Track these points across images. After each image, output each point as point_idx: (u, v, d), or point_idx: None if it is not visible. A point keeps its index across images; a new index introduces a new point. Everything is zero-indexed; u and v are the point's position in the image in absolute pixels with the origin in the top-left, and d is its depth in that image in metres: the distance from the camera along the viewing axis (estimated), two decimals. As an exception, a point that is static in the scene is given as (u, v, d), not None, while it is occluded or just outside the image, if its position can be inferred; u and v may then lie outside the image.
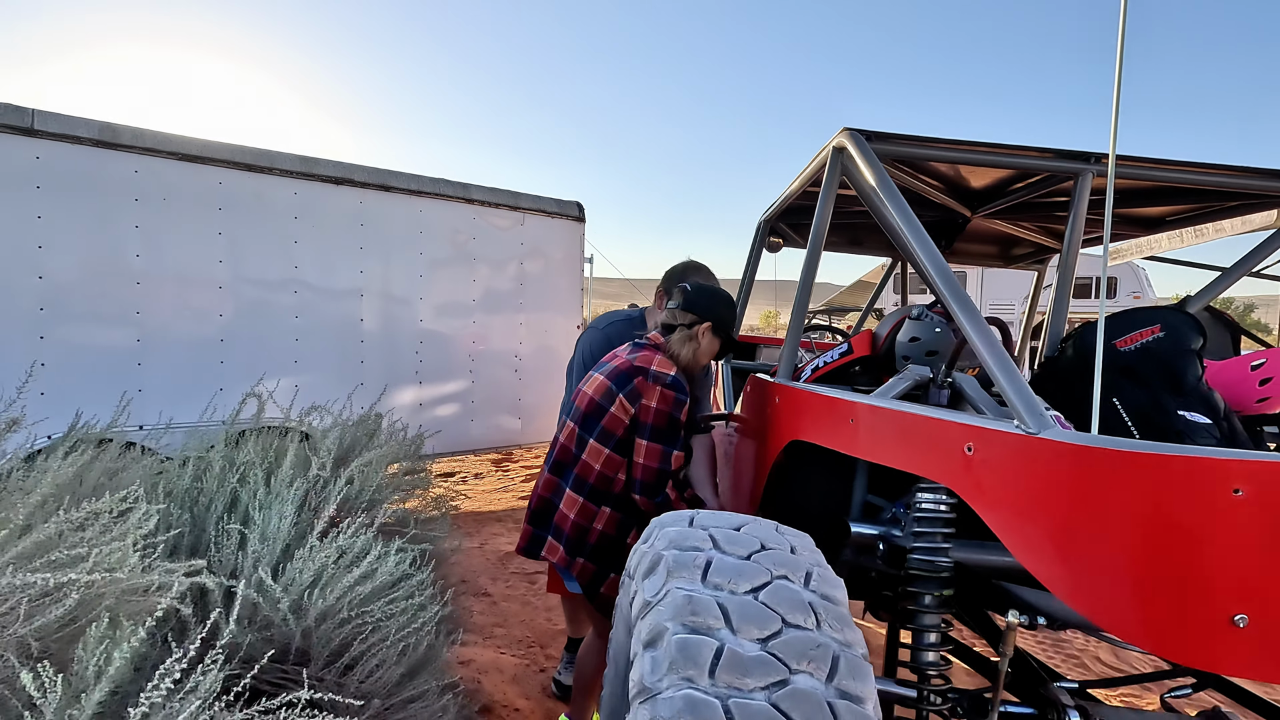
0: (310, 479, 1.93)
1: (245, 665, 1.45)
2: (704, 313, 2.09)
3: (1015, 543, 1.08)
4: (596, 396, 2.03)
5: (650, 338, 2.13)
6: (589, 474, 2.02)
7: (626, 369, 2.03)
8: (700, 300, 2.10)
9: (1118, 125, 1.07)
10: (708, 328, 2.07)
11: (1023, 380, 1.14)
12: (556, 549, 2.01)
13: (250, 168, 4.31)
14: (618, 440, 2.01)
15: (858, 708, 0.99)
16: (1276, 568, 0.87)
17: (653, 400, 1.98)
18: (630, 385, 2.00)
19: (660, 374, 1.99)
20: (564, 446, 2.08)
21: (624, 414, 1.99)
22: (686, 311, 2.10)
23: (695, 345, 2.07)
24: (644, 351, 2.07)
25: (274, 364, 4.39)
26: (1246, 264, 1.94)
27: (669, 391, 1.98)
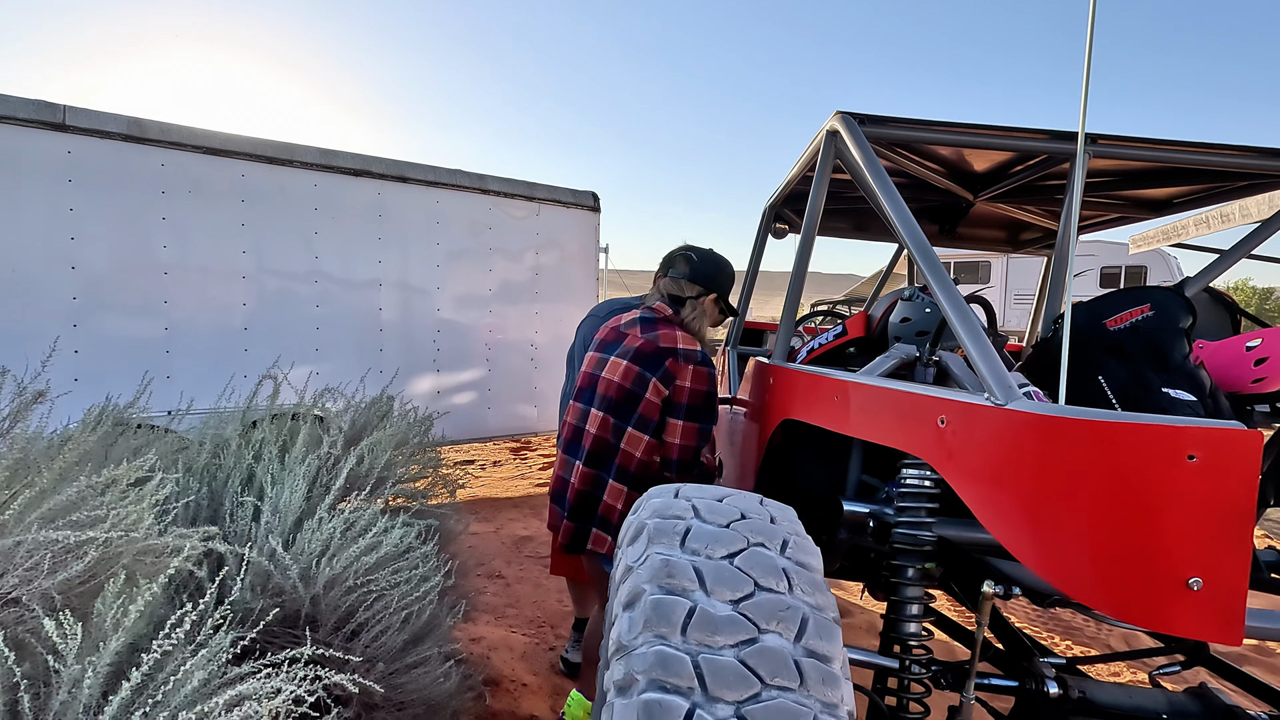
0: (322, 457, 2.01)
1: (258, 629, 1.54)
2: (709, 283, 2.07)
3: (984, 513, 1.11)
4: (627, 384, 1.98)
5: (657, 309, 2.09)
6: (630, 463, 1.98)
7: (653, 351, 1.99)
8: (706, 270, 2.08)
9: (1087, 103, 1.09)
10: (713, 298, 2.07)
11: (994, 354, 1.16)
12: (605, 540, 1.98)
13: (271, 160, 4.43)
14: (654, 425, 1.98)
15: (824, 665, 1.03)
16: (1228, 532, 0.90)
17: (687, 380, 1.95)
18: (663, 368, 1.96)
19: (690, 352, 1.97)
20: (597, 437, 2.00)
21: (658, 397, 1.96)
22: (694, 283, 2.08)
23: (704, 316, 2.07)
24: (663, 329, 2.03)
25: (295, 352, 4.52)
26: (1245, 246, 1.92)
27: (702, 369, 1.97)
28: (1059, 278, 1.87)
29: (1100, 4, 1.06)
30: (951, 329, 1.25)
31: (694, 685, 0.98)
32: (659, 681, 0.99)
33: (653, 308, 2.11)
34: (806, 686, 1.00)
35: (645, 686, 0.99)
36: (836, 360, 2.05)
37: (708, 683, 0.98)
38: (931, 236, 3.08)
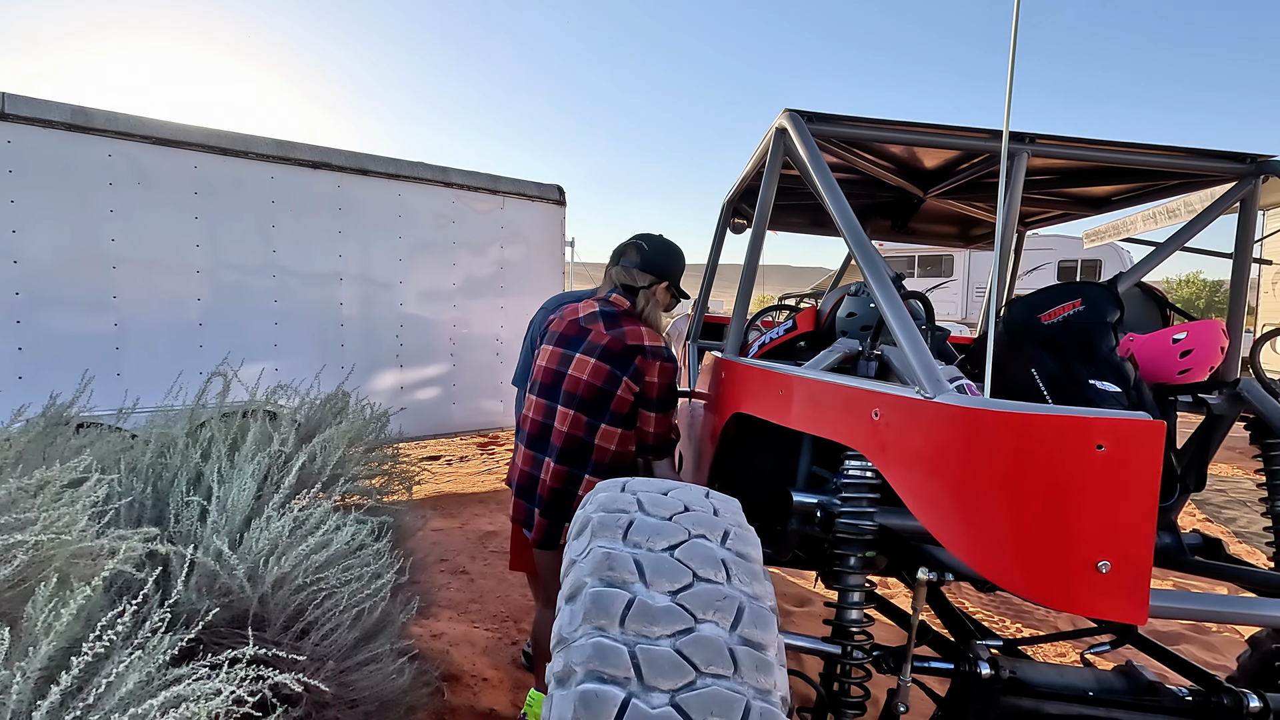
0: (272, 454, 1.99)
1: (204, 630, 1.52)
2: (661, 271, 2.14)
3: (914, 502, 1.15)
4: (599, 382, 2.03)
5: (615, 301, 2.13)
6: (605, 456, 2.05)
7: (621, 349, 2.04)
8: (657, 259, 2.13)
9: (1011, 103, 1.13)
10: (664, 286, 2.14)
11: (925, 349, 1.20)
12: None
13: (226, 152, 4.32)
14: (625, 418, 2.06)
15: (758, 653, 1.06)
16: (1132, 517, 0.94)
17: (654, 375, 2.05)
18: (632, 366, 2.03)
19: (657, 349, 2.06)
20: (570, 435, 2.04)
21: (630, 394, 2.04)
22: (645, 271, 2.13)
23: (658, 305, 2.14)
24: (628, 326, 2.07)
25: (253, 348, 4.44)
26: (1175, 242, 2.00)
27: (668, 364, 2.07)
28: (1001, 274, 1.93)
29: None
30: (886, 324, 1.29)
31: (630, 675, 1.00)
32: (596, 672, 1.01)
33: (610, 300, 2.14)
34: (740, 674, 1.02)
35: (583, 677, 1.01)
36: (788, 355, 2.09)
37: (644, 672, 1.00)
38: (886, 231, 3.15)
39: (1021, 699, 1.43)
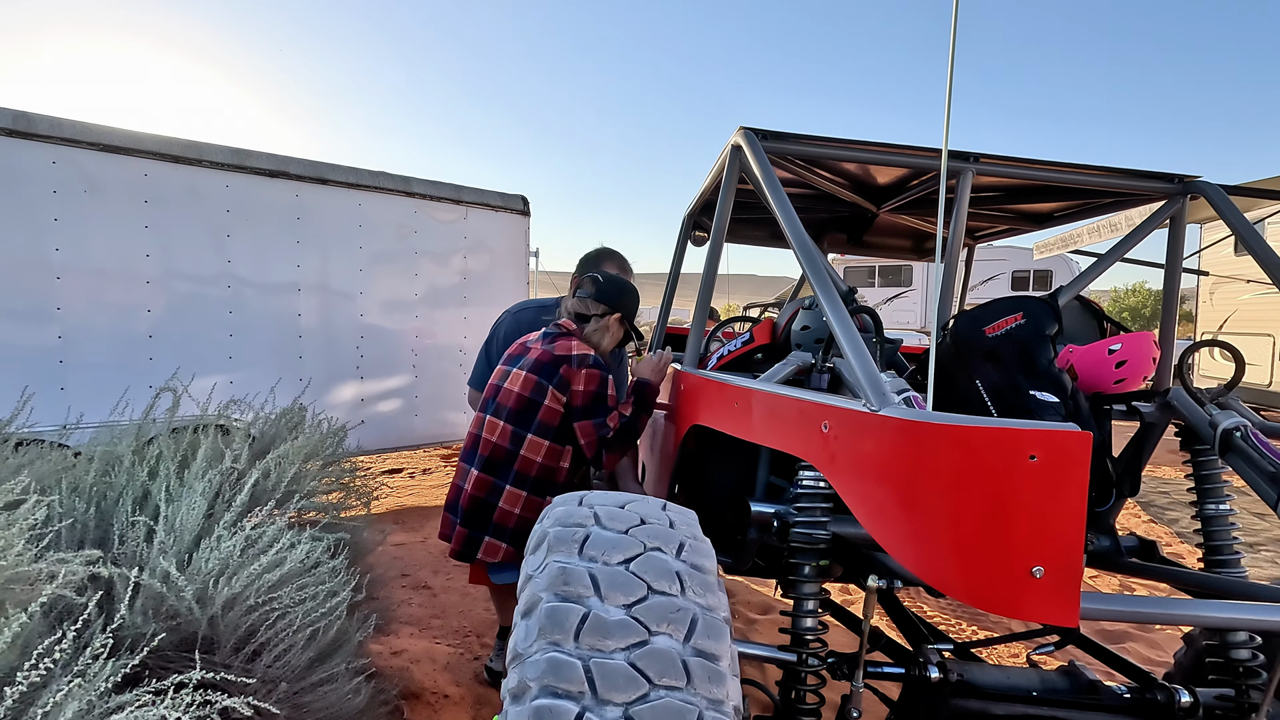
0: (224, 471, 1.94)
1: (150, 655, 1.48)
2: (614, 303, 2.20)
3: (861, 511, 1.19)
4: (526, 392, 2.08)
5: (562, 324, 2.20)
6: (530, 468, 2.08)
7: (549, 360, 2.10)
8: (611, 291, 2.20)
9: (949, 124, 1.18)
10: (617, 318, 2.18)
11: (871, 362, 1.24)
12: (497, 548, 2.07)
13: (178, 159, 4.22)
14: (555, 430, 2.09)
15: (711, 664, 1.08)
16: (1063, 523, 0.99)
17: (580, 384, 2.07)
18: (558, 375, 2.08)
19: (583, 356, 2.09)
20: (496, 444, 2.10)
21: (558, 404, 2.08)
22: (599, 302, 2.19)
23: (607, 334, 2.17)
24: (560, 340, 2.14)
25: (207, 360, 4.33)
26: (1114, 254, 2.10)
27: (593, 371, 2.09)
28: (947, 286, 2.00)
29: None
30: (834, 337, 1.33)
31: (584, 689, 1.01)
32: (550, 687, 1.01)
33: (559, 324, 2.22)
34: (693, 685, 1.04)
35: (537, 693, 1.01)
36: (745, 366, 2.13)
37: (597, 686, 1.01)
38: (842, 245, 3.22)
39: (969, 700, 1.48)
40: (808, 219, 3.00)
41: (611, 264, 2.59)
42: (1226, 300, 7.99)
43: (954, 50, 1.19)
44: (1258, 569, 4.59)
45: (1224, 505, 1.68)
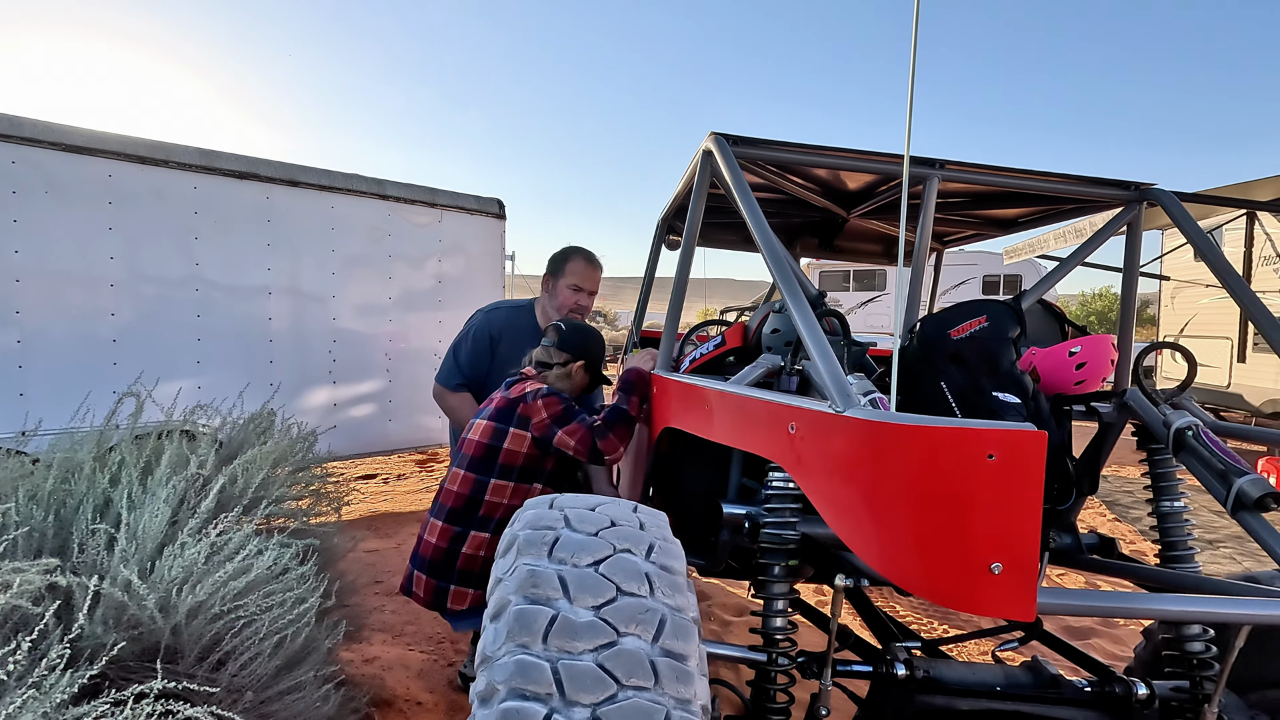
0: (189, 478, 1.91)
1: (110, 665, 1.45)
2: (577, 351, 2.23)
3: (827, 511, 1.21)
4: (485, 439, 2.09)
5: (524, 372, 2.24)
6: (495, 510, 2.08)
7: (505, 405, 2.12)
8: (574, 339, 2.23)
9: (911, 131, 1.20)
10: (580, 365, 2.22)
11: (836, 364, 1.26)
12: (465, 595, 2.05)
13: (144, 160, 4.13)
14: (519, 470, 2.08)
15: (679, 664, 1.09)
16: (1020, 520, 1.01)
17: (540, 413, 2.07)
18: (515, 415, 2.09)
19: (537, 390, 2.11)
20: (458, 494, 2.08)
21: (519, 444, 2.07)
22: (561, 350, 2.23)
23: (569, 379, 2.21)
24: (517, 385, 2.17)
25: (174, 365, 4.24)
26: (1074, 259, 2.16)
27: (551, 397, 2.09)
28: (915, 290, 2.04)
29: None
30: (801, 340, 1.35)
31: (552, 691, 1.01)
32: (519, 690, 1.01)
33: (521, 372, 2.25)
34: (661, 685, 1.05)
35: (505, 695, 1.01)
36: (717, 370, 2.14)
37: (565, 687, 1.01)
38: (814, 249, 3.26)
39: (934, 697, 1.50)
40: (780, 224, 3.03)
41: (579, 259, 2.59)
42: (1187, 304, 8.23)
43: (914, 60, 1.22)
44: (1217, 565, 4.72)
45: (1178, 503, 1.73)
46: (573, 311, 2.59)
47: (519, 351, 2.58)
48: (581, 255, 2.61)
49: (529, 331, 2.61)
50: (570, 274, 2.57)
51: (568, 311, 2.56)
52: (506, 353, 2.59)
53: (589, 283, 2.59)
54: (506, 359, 2.59)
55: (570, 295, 2.56)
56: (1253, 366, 7.13)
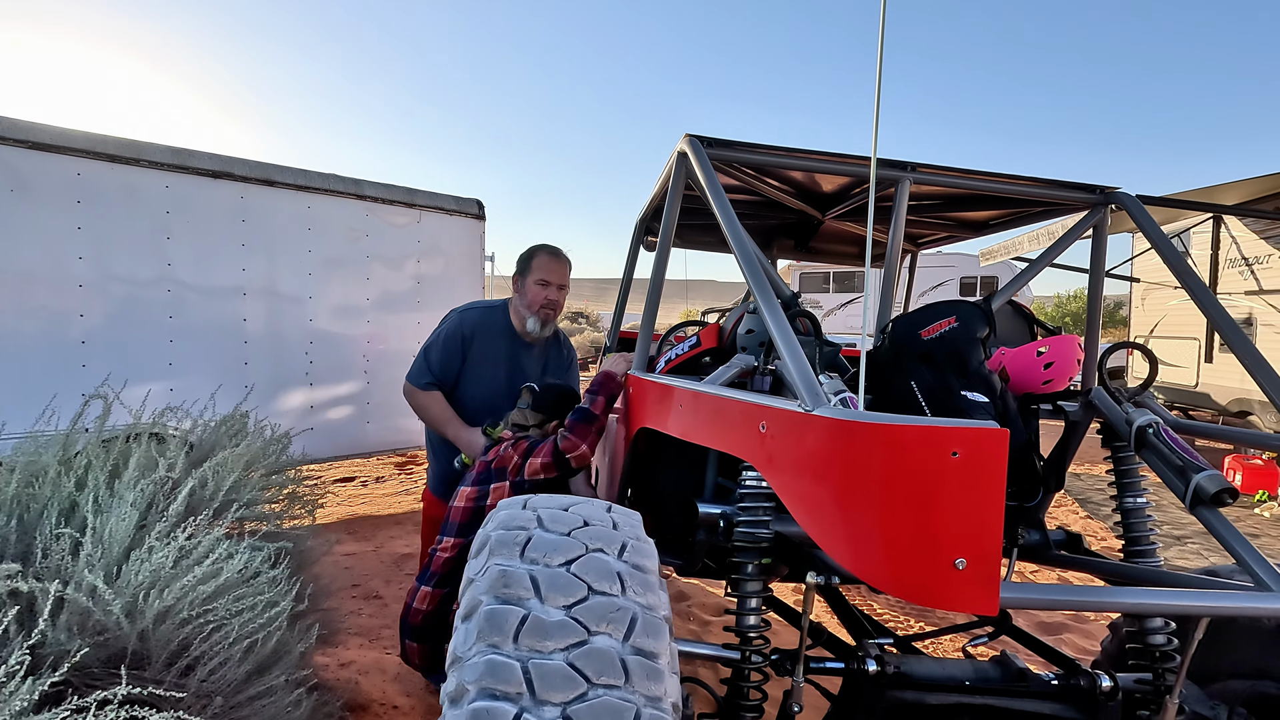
0: (158, 481, 1.88)
1: (75, 672, 1.42)
2: (552, 412, 2.25)
3: (797, 509, 1.22)
4: (469, 504, 2.11)
5: (503, 436, 2.26)
6: None
7: (484, 469, 2.15)
8: (548, 400, 2.25)
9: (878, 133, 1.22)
10: (556, 424, 2.22)
11: (806, 363, 1.27)
12: None
13: (114, 158, 4.06)
14: None
15: (649, 662, 1.09)
16: (984, 516, 1.03)
17: (512, 457, 2.10)
18: (492, 472, 2.12)
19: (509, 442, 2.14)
20: (446, 559, 2.08)
21: (501, 494, 2.09)
22: (536, 411, 2.24)
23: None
24: (493, 448, 2.20)
25: (146, 367, 4.17)
26: (1046, 259, 2.20)
27: (519, 442, 2.13)
28: (887, 291, 2.06)
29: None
30: (771, 340, 1.36)
31: (523, 690, 1.01)
32: (489, 690, 1.01)
33: (500, 437, 2.28)
34: (632, 683, 1.05)
35: (475, 695, 1.01)
36: (693, 370, 2.15)
37: (536, 687, 1.01)
38: (790, 251, 3.29)
39: (905, 692, 1.52)
40: (756, 225, 3.06)
41: (543, 254, 2.57)
42: (1157, 306, 8.41)
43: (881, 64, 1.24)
44: (1184, 560, 4.83)
45: (1140, 499, 1.77)
46: (544, 308, 2.55)
47: (491, 351, 2.57)
48: (546, 250, 2.59)
49: (502, 332, 2.60)
50: (536, 270, 2.55)
51: (539, 308, 2.53)
52: (479, 353, 2.57)
53: (555, 276, 2.56)
54: (479, 359, 2.57)
55: (539, 291, 2.54)
56: (1219, 366, 7.30)
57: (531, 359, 2.62)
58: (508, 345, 2.58)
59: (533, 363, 2.63)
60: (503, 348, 2.57)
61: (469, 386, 2.56)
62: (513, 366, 2.58)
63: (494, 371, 2.56)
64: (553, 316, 2.58)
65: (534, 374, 2.63)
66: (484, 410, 2.49)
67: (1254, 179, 4.97)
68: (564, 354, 2.74)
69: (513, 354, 2.58)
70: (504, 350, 2.57)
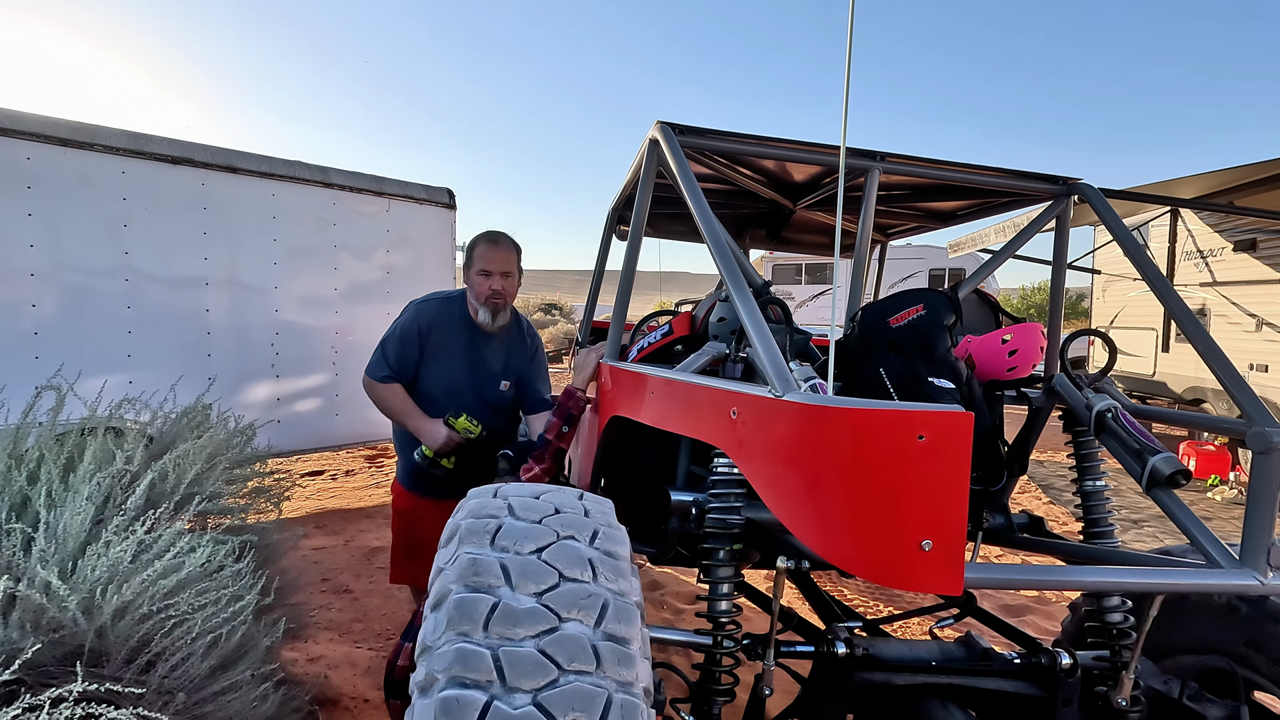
0: (115, 474, 1.82)
1: (28, 670, 1.37)
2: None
3: (767, 494, 1.23)
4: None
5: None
6: None
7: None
8: (524, 461, 2.20)
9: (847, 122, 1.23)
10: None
11: (776, 350, 1.28)
12: None
13: (67, 143, 3.92)
14: None
15: (621, 647, 1.09)
16: (949, 498, 1.05)
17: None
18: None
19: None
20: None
21: None
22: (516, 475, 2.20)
23: None
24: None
25: (103, 359, 4.04)
26: (1010, 249, 2.25)
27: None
28: (857, 281, 2.08)
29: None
30: (743, 327, 1.36)
31: (493, 678, 1.00)
32: (458, 678, 1.00)
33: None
34: (603, 668, 1.05)
35: (445, 684, 1.00)
36: (665, 358, 2.15)
37: (506, 674, 1.01)
38: (762, 240, 3.31)
39: (874, 673, 1.55)
40: (729, 215, 3.06)
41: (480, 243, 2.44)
42: (1117, 297, 8.64)
43: (850, 52, 1.24)
44: (1141, 544, 5.00)
45: (1099, 482, 1.82)
46: (491, 299, 2.45)
47: (450, 342, 2.51)
48: (484, 239, 2.50)
49: (460, 323, 2.54)
50: (476, 261, 2.45)
51: (485, 300, 2.44)
52: (437, 344, 2.51)
53: (496, 264, 2.45)
54: (437, 351, 2.51)
55: (482, 282, 2.44)
56: (1176, 356, 7.54)
57: (493, 349, 2.57)
58: (466, 336, 2.52)
59: (494, 354, 2.58)
60: (461, 338, 2.52)
61: (429, 378, 2.51)
62: (473, 357, 2.53)
63: (453, 363, 2.51)
64: (502, 306, 2.48)
65: (496, 366, 2.58)
66: (446, 401, 2.44)
67: (1209, 173, 5.12)
68: (527, 344, 2.68)
69: (472, 345, 2.53)
70: (463, 341, 2.52)
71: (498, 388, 2.58)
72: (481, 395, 2.53)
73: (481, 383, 2.54)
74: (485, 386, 2.56)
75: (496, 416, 2.58)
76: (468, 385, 2.51)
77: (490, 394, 2.56)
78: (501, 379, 2.59)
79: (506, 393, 2.60)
